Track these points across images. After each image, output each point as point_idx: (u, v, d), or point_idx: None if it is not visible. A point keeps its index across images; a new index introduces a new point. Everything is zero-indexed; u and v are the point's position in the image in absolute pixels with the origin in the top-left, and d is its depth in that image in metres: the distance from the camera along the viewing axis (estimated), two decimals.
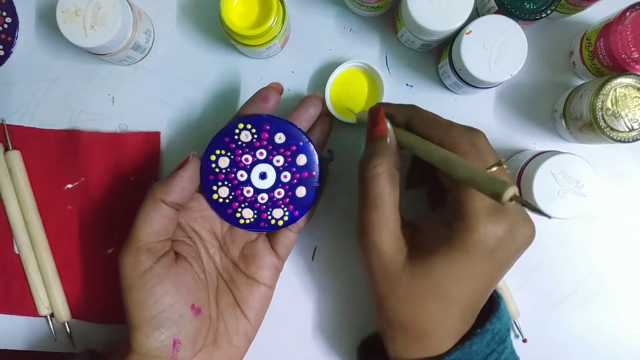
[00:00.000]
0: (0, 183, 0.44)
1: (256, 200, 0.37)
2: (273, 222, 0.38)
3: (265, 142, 0.37)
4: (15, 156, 0.44)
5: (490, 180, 0.26)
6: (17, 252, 0.45)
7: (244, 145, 0.37)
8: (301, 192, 0.38)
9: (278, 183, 0.37)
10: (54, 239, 0.45)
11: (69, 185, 0.45)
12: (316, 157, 0.37)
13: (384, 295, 0.34)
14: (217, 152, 0.36)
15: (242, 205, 0.37)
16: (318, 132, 0.41)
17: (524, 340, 0.45)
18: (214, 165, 0.37)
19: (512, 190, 0.25)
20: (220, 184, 0.37)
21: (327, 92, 0.43)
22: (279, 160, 0.37)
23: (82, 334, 0.45)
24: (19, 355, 0.47)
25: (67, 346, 0.45)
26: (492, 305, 0.37)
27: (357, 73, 0.44)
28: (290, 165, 0.37)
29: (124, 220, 0.36)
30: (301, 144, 0.37)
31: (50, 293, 0.44)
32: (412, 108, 0.36)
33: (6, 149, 0.45)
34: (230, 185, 0.37)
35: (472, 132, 0.34)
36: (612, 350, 0.45)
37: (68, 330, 0.45)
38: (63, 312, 0.44)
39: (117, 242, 0.44)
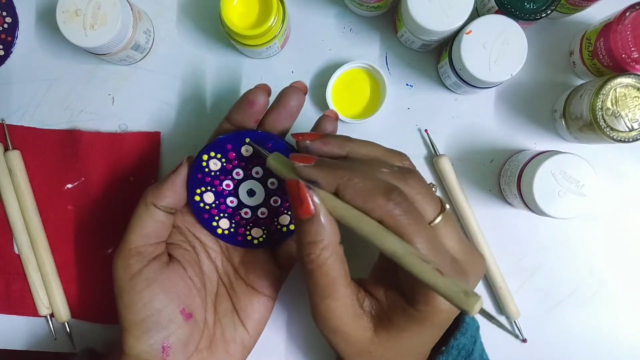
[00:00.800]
0: (0, 183, 0.44)
1: (238, 214, 0.36)
2: (249, 238, 0.37)
3: (263, 161, 0.34)
4: (15, 156, 0.44)
5: (456, 294, 0.25)
6: (17, 252, 0.45)
7: (241, 158, 0.35)
8: (284, 220, 0.37)
9: (266, 203, 0.36)
10: (54, 239, 0.45)
11: (69, 185, 0.45)
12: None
13: None
14: (212, 154, 0.35)
15: (221, 215, 0.36)
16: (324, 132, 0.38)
17: (524, 340, 0.45)
18: (204, 164, 0.35)
19: (478, 306, 0.25)
20: (204, 189, 0.36)
21: (329, 92, 0.43)
22: (274, 183, 0.36)
23: (82, 334, 0.45)
24: (19, 355, 0.47)
25: (67, 346, 0.45)
26: (457, 319, 0.37)
27: (360, 73, 0.44)
28: (283, 191, 0.36)
29: (123, 220, 0.36)
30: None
31: (50, 293, 0.44)
32: (340, 173, 0.29)
33: (6, 149, 0.45)
34: (215, 191, 0.36)
35: (407, 184, 0.30)
36: (612, 350, 0.45)
37: (68, 330, 0.45)
38: (63, 312, 0.44)
39: (116, 242, 0.43)
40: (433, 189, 0.33)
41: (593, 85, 0.39)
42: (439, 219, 0.30)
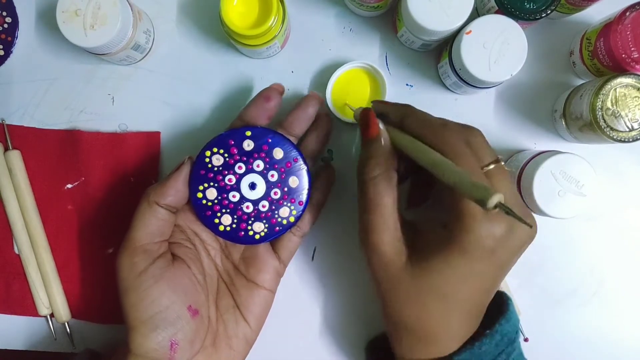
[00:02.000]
0: (0, 183, 0.44)
1: (240, 208, 0.37)
2: (251, 233, 0.37)
3: (264, 154, 0.37)
4: (15, 156, 0.44)
5: (475, 187, 0.26)
6: (17, 252, 0.45)
7: (243, 152, 0.36)
8: (284, 212, 0.37)
9: (267, 197, 0.37)
10: (54, 239, 0.45)
11: (69, 185, 0.45)
12: (307, 181, 0.37)
13: (387, 297, 0.34)
14: (214, 149, 0.36)
15: (223, 211, 0.37)
16: (318, 132, 0.41)
17: (526, 339, 0.45)
18: (207, 160, 0.36)
19: (496, 198, 0.25)
20: (206, 185, 0.36)
21: (329, 92, 0.43)
22: (274, 175, 0.37)
23: (82, 334, 0.45)
24: (19, 355, 0.47)
25: (67, 346, 0.45)
26: (502, 307, 0.37)
27: (359, 73, 0.44)
28: (282, 184, 0.37)
29: (124, 220, 0.36)
30: (296, 161, 0.37)
31: (50, 293, 0.44)
32: (406, 107, 0.36)
33: (6, 149, 0.45)
34: (217, 187, 0.36)
35: (467, 131, 0.34)
36: (612, 350, 0.45)
37: (68, 330, 0.45)
38: (63, 312, 0.44)
39: (117, 242, 0.44)
40: (501, 160, 0.34)
41: (593, 85, 0.39)
42: (492, 166, 0.32)
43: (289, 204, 0.37)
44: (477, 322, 0.35)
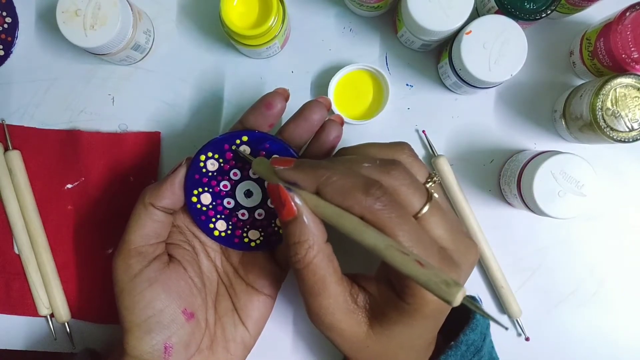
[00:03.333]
0: (0, 183, 0.44)
1: (235, 215, 0.36)
2: (246, 240, 0.37)
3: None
4: (15, 156, 0.44)
5: (437, 285, 0.25)
6: (17, 252, 0.45)
7: (239, 158, 0.35)
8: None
9: (263, 205, 0.36)
10: (54, 239, 0.45)
11: (69, 185, 0.45)
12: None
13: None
14: (209, 154, 0.35)
15: (218, 217, 0.36)
16: (328, 139, 0.37)
17: (527, 339, 0.45)
18: (202, 164, 0.35)
19: (461, 295, 0.24)
20: (201, 189, 0.35)
21: (331, 92, 0.43)
22: None
23: (82, 334, 0.45)
24: (19, 355, 0.47)
25: (67, 346, 0.45)
26: (468, 315, 0.37)
27: (362, 75, 0.44)
28: None
29: (123, 220, 0.36)
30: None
31: (50, 293, 0.44)
32: (318, 172, 0.30)
33: (6, 149, 0.45)
34: (212, 192, 0.36)
35: (388, 172, 0.30)
36: (612, 350, 0.45)
37: (68, 330, 0.45)
38: (63, 312, 0.44)
39: (117, 242, 0.44)
40: (435, 178, 0.32)
41: (593, 85, 0.39)
42: (425, 208, 0.30)
43: None
44: (434, 345, 0.35)
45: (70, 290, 0.45)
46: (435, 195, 0.31)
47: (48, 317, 0.45)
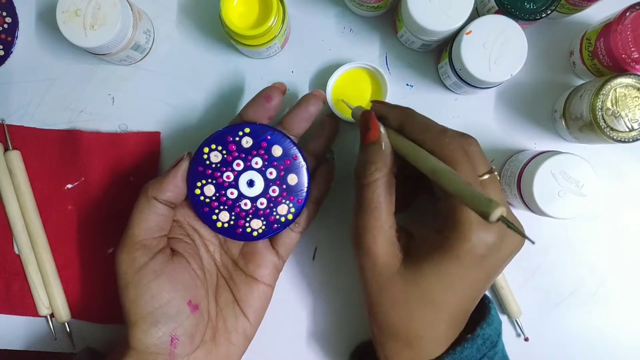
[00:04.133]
0: (0, 183, 0.44)
1: (237, 205, 0.37)
2: (249, 230, 0.37)
3: (262, 151, 0.37)
4: (15, 156, 0.44)
5: (479, 199, 0.26)
6: (17, 252, 0.45)
7: (241, 149, 0.36)
8: (282, 210, 0.37)
9: (265, 194, 0.37)
10: (54, 239, 0.45)
11: (69, 185, 0.45)
12: (306, 179, 0.37)
13: (375, 300, 0.34)
14: (213, 146, 0.36)
15: (221, 208, 0.37)
16: (324, 133, 0.41)
17: (526, 339, 0.45)
18: (205, 156, 0.36)
19: (499, 211, 0.26)
20: (205, 181, 0.36)
21: (329, 91, 0.43)
22: (272, 172, 0.37)
23: (82, 334, 0.45)
24: (19, 355, 0.47)
25: (67, 346, 0.45)
26: (483, 311, 0.37)
27: (361, 73, 0.44)
28: (281, 181, 0.37)
29: (124, 220, 0.36)
30: (295, 159, 0.37)
31: (50, 293, 0.44)
32: (406, 111, 0.36)
33: (6, 149, 0.45)
34: (215, 183, 0.36)
35: (465, 139, 0.34)
36: (611, 350, 0.45)
37: (68, 330, 0.45)
38: (63, 312, 0.44)
39: (117, 242, 0.44)
40: (495, 172, 0.34)
41: (593, 85, 0.39)
42: (486, 176, 0.33)
43: (287, 202, 0.37)
44: (461, 327, 0.35)
45: (71, 290, 0.45)
46: (496, 173, 0.34)
47: (48, 317, 0.45)
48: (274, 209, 0.37)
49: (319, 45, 0.45)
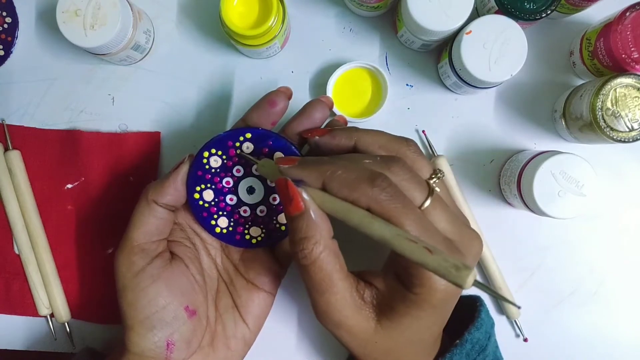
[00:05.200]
0: (0, 183, 0.44)
1: (237, 212, 0.36)
2: (248, 237, 0.37)
3: (262, 158, 0.35)
4: (15, 156, 0.44)
5: (444, 269, 0.25)
6: (17, 252, 0.45)
7: (241, 156, 0.35)
8: (283, 218, 0.36)
9: (265, 202, 0.36)
10: (54, 239, 0.45)
11: (69, 185, 0.45)
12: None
13: (361, 357, 0.34)
14: (213, 150, 0.35)
15: (220, 213, 0.36)
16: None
17: (525, 340, 0.45)
18: (205, 160, 0.35)
19: (471, 278, 0.24)
20: (204, 186, 0.36)
21: (329, 90, 0.43)
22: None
23: (82, 334, 0.45)
24: (19, 355, 0.47)
25: (67, 346, 0.45)
26: (473, 314, 0.37)
27: (361, 73, 0.44)
28: None
29: (123, 220, 0.36)
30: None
31: (50, 293, 0.44)
32: (323, 168, 0.30)
33: (6, 149, 0.45)
34: (214, 189, 0.36)
35: (389, 168, 0.30)
36: (611, 350, 0.45)
37: (68, 330, 0.45)
38: (63, 312, 0.44)
39: (117, 242, 0.44)
40: (439, 174, 0.33)
41: (593, 85, 0.39)
42: (427, 202, 0.30)
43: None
44: (440, 342, 0.35)
45: (70, 290, 0.45)
46: (437, 189, 0.32)
47: (48, 317, 0.45)
48: (274, 218, 0.37)
49: (319, 45, 0.45)
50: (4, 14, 0.45)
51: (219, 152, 0.35)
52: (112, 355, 0.37)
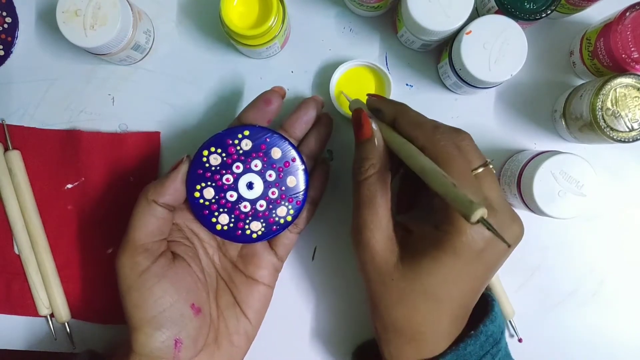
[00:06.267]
0: (0, 183, 0.44)
1: (237, 208, 0.37)
2: (248, 232, 0.37)
3: (262, 154, 0.37)
4: (15, 156, 0.44)
5: (461, 200, 0.27)
6: (17, 252, 0.45)
7: (241, 152, 0.36)
8: (282, 212, 0.37)
9: (264, 196, 0.37)
10: (54, 239, 0.45)
11: (69, 185, 0.45)
12: (304, 181, 0.37)
13: (377, 297, 0.34)
14: (212, 149, 0.36)
15: (221, 210, 0.37)
16: (319, 132, 0.41)
17: (520, 340, 0.45)
18: (205, 159, 0.36)
19: (479, 213, 0.26)
20: (204, 184, 0.36)
21: (332, 88, 0.43)
22: (271, 175, 0.37)
23: (82, 334, 0.45)
24: (19, 355, 0.47)
25: (67, 346, 0.45)
26: (486, 307, 0.37)
27: (363, 71, 0.44)
28: (280, 183, 0.37)
29: (123, 220, 0.36)
30: (294, 161, 0.37)
31: (50, 293, 0.44)
32: (400, 106, 0.36)
33: (6, 149, 0.45)
34: (215, 186, 0.36)
35: (458, 134, 0.34)
36: (611, 350, 0.45)
37: (68, 330, 0.45)
38: (63, 312, 0.44)
39: (117, 242, 0.43)
40: (490, 165, 0.34)
41: (593, 85, 0.39)
42: (481, 169, 0.33)
43: (286, 204, 0.37)
44: (464, 322, 0.35)
45: (71, 290, 0.45)
46: (491, 166, 0.34)
47: (48, 317, 0.45)
48: (273, 211, 0.37)
49: (319, 45, 0.45)
50: (4, 14, 0.45)
51: (219, 150, 0.36)
52: (115, 358, 0.37)
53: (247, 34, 0.38)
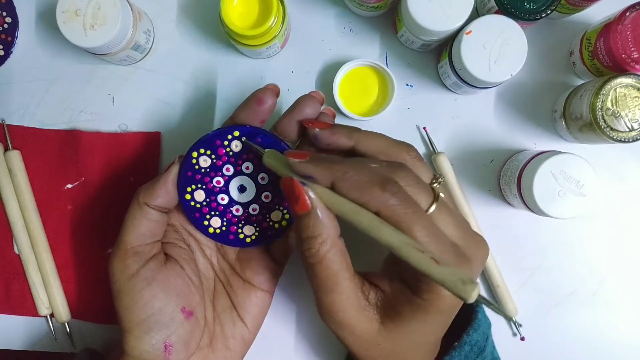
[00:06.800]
0: (0, 183, 0.44)
1: (229, 211, 0.36)
2: (242, 236, 0.36)
3: (253, 156, 0.35)
4: (15, 156, 0.44)
5: (450, 282, 0.25)
6: (17, 252, 0.45)
7: (231, 154, 0.35)
8: (276, 216, 0.36)
9: (257, 200, 0.36)
10: (54, 239, 0.45)
11: (69, 185, 0.45)
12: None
13: (363, 358, 0.34)
14: (201, 150, 0.35)
15: (212, 213, 0.36)
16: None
17: (522, 339, 0.45)
18: (194, 161, 0.35)
19: (475, 294, 0.24)
20: (194, 187, 0.35)
21: (336, 87, 0.43)
22: (264, 177, 0.35)
23: (82, 334, 0.45)
24: (19, 355, 0.47)
25: (67, 346, 0.45)
26: (470, 315, 0.37)
27: (367, 71, 0.44)
28: (274, 187, 0.36)
29: (123, 220, 0.36)
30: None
31: (50, 293, 0.44)
32: (335, 167, 0.30)
33: (6, 149, 0.45)
34: (205, 189, 0.35)
35: (394, 164, 0.31)
36: (611, 350, 0.45)
37: (68, 330, 0.45)
38: (63, 312, 0.44)
39: None
40: (440, 179, 0.33)
41: (593, 85, 0.39)
42: (432, 207, 0.30)
43: (281, 208, 0.36)
44: (439, 344, 0.35)
45: (70, 290, 0.45)
46: (442, 194, 0.31)
47: (48, 317, 0.45)
48: (267, 216, 0.36)
49: (319, 45, 0.45)
50: (4, 14, 0.45)
51: (208, 152, 0.35)
52: (110, 357, 0.37)
53: (247, 34, 0.38)
